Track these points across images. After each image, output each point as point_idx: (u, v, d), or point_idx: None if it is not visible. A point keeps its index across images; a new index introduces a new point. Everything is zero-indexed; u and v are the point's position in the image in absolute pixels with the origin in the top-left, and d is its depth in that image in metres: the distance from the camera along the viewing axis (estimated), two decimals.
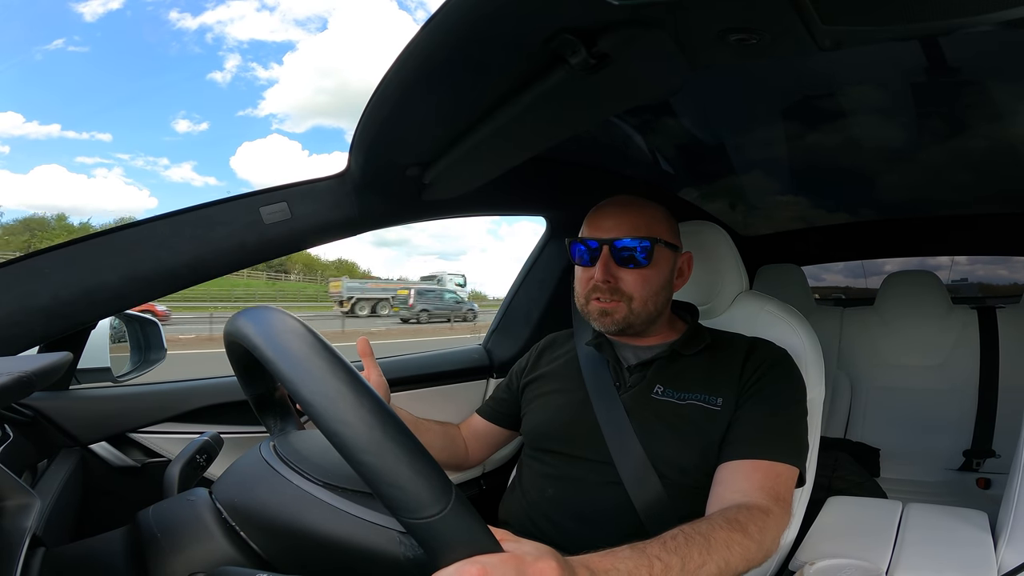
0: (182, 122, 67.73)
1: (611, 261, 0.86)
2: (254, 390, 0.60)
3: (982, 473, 1.68)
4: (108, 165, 59.29)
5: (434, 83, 0.61)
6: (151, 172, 62.53)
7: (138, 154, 61.46)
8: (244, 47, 71.72)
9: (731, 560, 0.60)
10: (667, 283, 0.91)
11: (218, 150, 72.81)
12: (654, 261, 0.87)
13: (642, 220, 0.88)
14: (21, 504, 0.41)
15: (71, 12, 63.27)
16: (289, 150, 75.67)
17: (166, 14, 71.38)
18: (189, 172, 63.44)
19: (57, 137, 59.11)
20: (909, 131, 1.16)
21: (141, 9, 68.92)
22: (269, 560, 0.48)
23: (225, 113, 73.90)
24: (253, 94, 74.39)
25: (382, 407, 0.38)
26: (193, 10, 73.28)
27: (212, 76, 70.91)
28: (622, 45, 0.51)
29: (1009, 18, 0.42)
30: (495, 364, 1.40)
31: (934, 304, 1.85)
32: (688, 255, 0.96)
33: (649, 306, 0.88)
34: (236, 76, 71.41)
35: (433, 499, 0.36)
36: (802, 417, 0.84)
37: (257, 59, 72.48)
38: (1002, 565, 0.81)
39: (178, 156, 67.51)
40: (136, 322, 1.08)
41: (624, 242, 0.86)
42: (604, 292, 0.87)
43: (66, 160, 58.08)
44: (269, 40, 73.80)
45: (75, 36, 62.43)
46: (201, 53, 69.62)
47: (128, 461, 0.92)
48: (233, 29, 70.75)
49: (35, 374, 0.39)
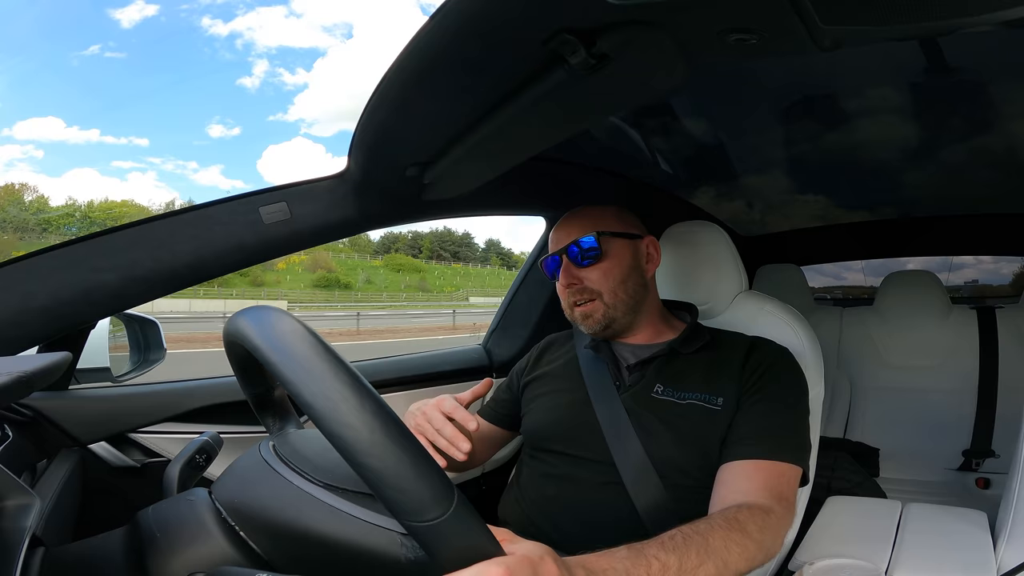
0: (216, 127, 68.23)
1: (571, 265, 0.92)
2: (253, 390, 0.60)
3: (981, 473, 1.68)
4: (142, 169, 59.83)
5: (434, 83, 0.61)
6: (180, 175, 63.08)
7: (168, 158, 61.97)
8: (272, 53, 72.31)
9: (730, 560, 0.60)
10: (631, 270, 0.92)
11: (246, 153, 73.21)
12: (607, 253, 0.91)
13: (586, 220, 0.93)
14: (21, 504, 0.41)
15: (108, 19, 63.87)
16: (313, 153, 75.83)
17: (199, 20, 71.87)
18: (217, 175, 63.79)
19: (96, 142, 59.55)
20: (910, 131, 1.16)
21: (175, 15, 69.43)
22: (269, 560, 0.48)
23: (256, 118, 74.45)
24: (283, 99, 74.97)
25: (384, 409, 0.38)
26: (224, 16, 73.80)
27: (242, 81, 71.47)
28: (621, 45, 0.51)
29: (1009, 18, 0.42)
30: (495, 364, 1.40)
31: (934, 304, 1.85)
32: (650, 239, 0.97)
33: (620, 295, 0.91)
34: (264, 81, 72.00)
35: (435, 502, 0.36)
36: (804, 416, 0.84)
37: (284, 64, 73.14)
38: (1001, 565, 0.81)
39: (207, 159, 67.95)
40: (135, 322, 1.08)
41: (573, 245, 0.91)
42: (576, 294, 0.91)
43: (102, 164, 58.47)
44: (296, 46, 74.34)
45: (110, 42, 62.93)
46: (232, 59, 70.27)
47: (128, 461, 0.92)
48: (262, 35, 71.32)
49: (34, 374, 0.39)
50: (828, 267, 2.52)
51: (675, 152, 1.32)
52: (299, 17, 78.85)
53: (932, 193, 1.62)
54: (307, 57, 76.20)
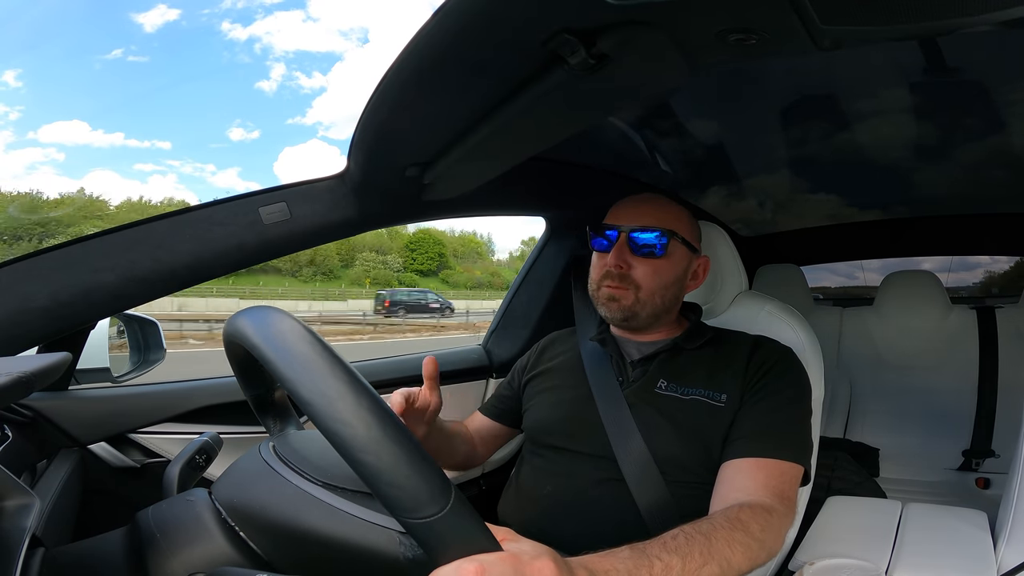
0: (236, 130, 68.48)
1: (626, 248, 0.87)
2: (253, 390, 0.60)
3: (981, 473, 1.68)
4: (162, 172, 60.18)
5: (434, 83, 0.61)
6: (199, 178, 63.30)
7: (187, 160, 62.34)
8: (290, 57, 72.60)
9: (733, 560, 0.60)
10: (678, 280, 0.90)
11: (263, 156, 73.64)
12: (669, 254, 0.88)
13: (663, 214, 0.89)
14: (20, 504, 0.41)
15: (131, 23, 64.18)
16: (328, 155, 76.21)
17: (219, 25, 72.24)
18: (234, 178, 63.77)
19: (120, 145, 59.79)
20: (910, 131, 1.16)
21: (196, 20, 69.66)
22: (269, 560, 0.48)
23: (276, 121, 74.77)
24: (301, 102, 75.22)
25: (381, 406, 0.38)
26: (243, 21, 74.21)
27: (260, 85, 71.75)
28: (621, 45, 0.51)
29: (1009, 18, 0.42)
30: (495, 364, 1.40)
31: (933, 304, 1.85)
32: (705, 259, 0.96)
33: (656, 299, 0.88)
34: (281, 85, 72.27)
35: (432, 499, 0.36)
36: (807, 415, 0.84)
37: (301, 68, 73.36)
38: (1001, 565, 0.81)
39: (224, 162, 68.29)
40: (135, 322, 1.08)
41: (641, 231, 0.87)
42: (615, 278, 0.88)
43: (124, 167, 58.72)
44: (313, 50, 74.69)
45: (132, 46, 63.18)
46: (250, 63, 70.54)
47: (127, 461, 0.92)
48: (280, 39, 71.70)
49: (34, 374, 0.39)
50: (841, 266, 2.50)
51: (674, 152, 1.32)
52: (316, 21, 79.35)
53: (932, 193, 1.62)
54: (324, 61, 76.69)
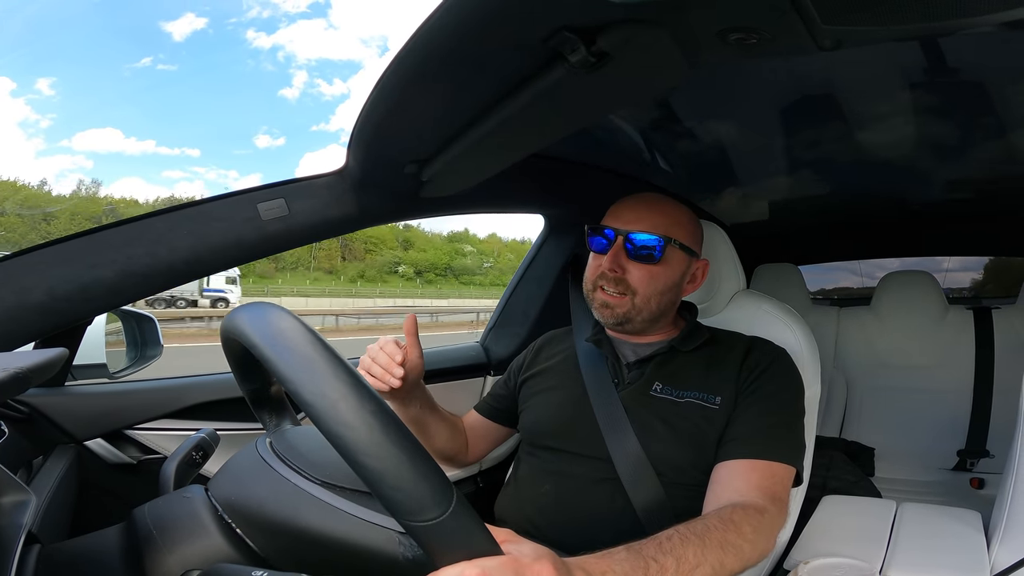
0: (263, 137, 68.81)
1: (623, 251, 0.86)
2: (250, 386, 0.60)
3: (976, 473, 1.69)
4: (189, 179, 60.51)
5: (433, 80, 0.61)
6: (222, 185, 63.55)
7: (211, 167, 62.66)
8: (312, 65, 72.98)
9: (726, 560, 0.61)
10: (675, 285, 0.90)
11: (284, 162, 74.03)
12: (665, 260, 0.87)
13: (663, 218, 0.87)
14: (16, 501, 0.41)
15: (160, 31, 64.46)
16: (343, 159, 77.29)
17: (244, 33, 72.60)
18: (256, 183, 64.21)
19: (152, 153, 60.08)
20: (910, 131, 1.16)
21: (222, 28, 69.97)
22: (265, 557, 0.48)
23: (301, 128, 75.21)
24: (325, 109, 75.63)
25: (383, 409, 0.37)
26: (268, 29, 74.67)
27: (283, 92, 72.08)
28: (622, 43, 0.51)
29: (1010, 19, 0.42)
30: (492, 361, 1.40)
31: (930, 304, 1.86)
32: (704, 263, 0.95)
33: (652, 304, 0.88)
34: (303, 92, 72.70)
35: (434, 502, 0.36)
36: (800, 416, 0.84)
37: (322, 75, 73.72)
38: (995, 565, 0.81)
39: (246, 168, 68.53)
40: (132, 318, 1.08)
41: (639, 236, 0.86)
42: (610, 282, 0.87)
43: (151, 174, 58.98)
44: (335, 58, 75.12)
45: (160, 54, 63.41)
46: (273, 71, 70.99)
47: (124, 458, 0.92)
48: (302, 47, 72.05)
49: (31, 370, 0.39)
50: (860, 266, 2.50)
51: (674, 150, 1.31)
52: (337, 29, 79.76)
53: (933, 193, 1.62)
54: (345, 69, 77.23)
